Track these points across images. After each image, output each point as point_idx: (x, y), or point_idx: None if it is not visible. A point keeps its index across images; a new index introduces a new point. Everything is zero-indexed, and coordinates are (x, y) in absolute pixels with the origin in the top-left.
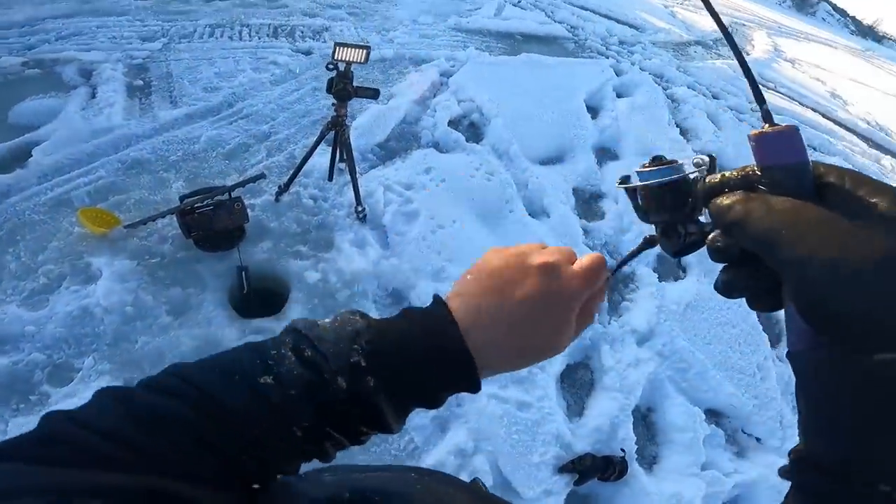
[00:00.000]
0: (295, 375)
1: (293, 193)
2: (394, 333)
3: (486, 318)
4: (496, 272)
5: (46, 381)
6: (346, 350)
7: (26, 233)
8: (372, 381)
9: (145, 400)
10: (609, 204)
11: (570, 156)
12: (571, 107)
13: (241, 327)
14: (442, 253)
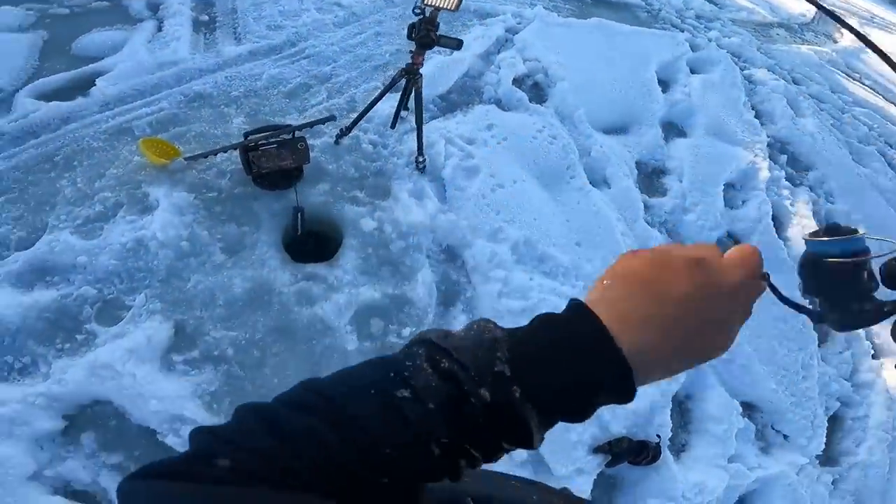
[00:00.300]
0: (433, 388)
1: (353, 137)
2: (537, 341)
3: (635, 322)
4: (639, 274)
5: (95, 318)
6: (489, 359)
7: (84, 159)
8: (518, 392)
9: (287, 419)
10: (672, 181)
11: (636, 127)
12: (642, 78)
13: (294, 272)
14: (501, 213)
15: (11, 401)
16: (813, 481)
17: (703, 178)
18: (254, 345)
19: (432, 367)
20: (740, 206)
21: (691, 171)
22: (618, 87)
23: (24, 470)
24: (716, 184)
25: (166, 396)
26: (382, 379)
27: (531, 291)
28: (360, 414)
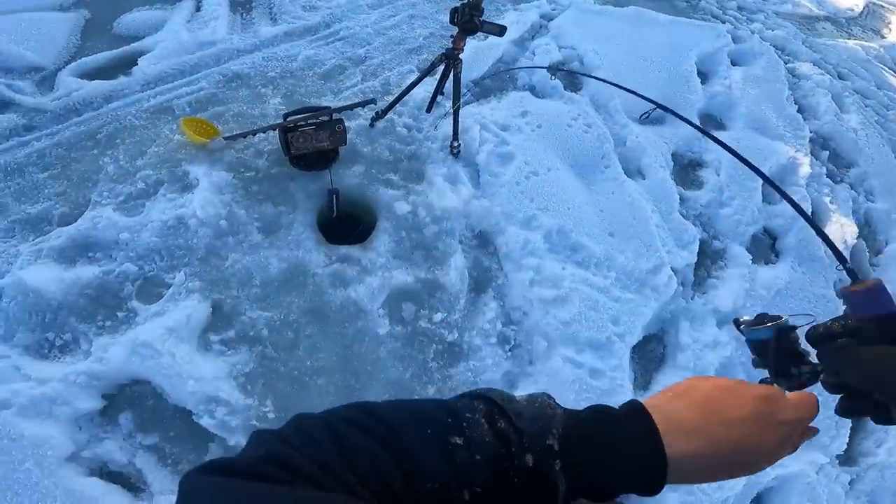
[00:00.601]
0: (486, 443)
1: (388, 121)
2: (590, 426)
3: (690, 432)
4: (703, 392)
5: (136, 295)
6: (544, 432)
7: (126, 137)
8: (559, 465)
9: (348, 436)
10: (708, 174)
11: (673, 118)
12: (681, 69)
13: (328, 253)
14: (534, 200)
15: (52, 379)
16: (831, 481)
17: (742, 172)
18: (288, 326)
19: (489, 424)
20: (778, 202)
21: (729, 164)
22: (655, 77)
23: (62, 451)
24: (754, 178)
25: (203, 377)
26: (440, 422)
27: (563, 281)
28: (415, 448)
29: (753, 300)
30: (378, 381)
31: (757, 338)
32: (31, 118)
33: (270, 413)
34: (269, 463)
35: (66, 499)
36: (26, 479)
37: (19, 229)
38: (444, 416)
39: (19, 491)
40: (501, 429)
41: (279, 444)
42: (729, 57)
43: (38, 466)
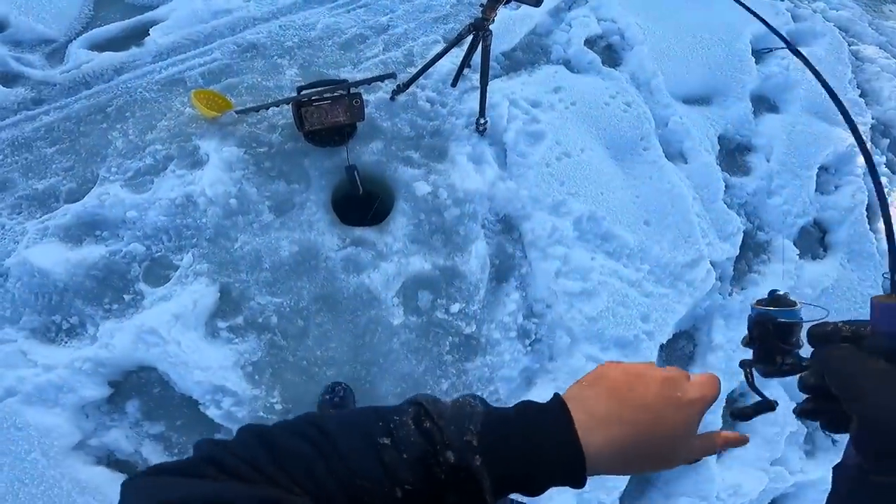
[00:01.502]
0: (411, 441)
1: (409, 94)
2: (511, 421)
3: (600, 418)
4: (614, 380)
5: (143, 277)
6: (462, 428)
7: (136, 110)
8: (479, 461)
9: (281, 441)
10: (757, 160)
11: (722, 99)
12: (734, 48)
13: (342, 235)
14: (565, 184)
15: (59, 366)
16: None
17: (795, 158)
18: (297, 313)
19: (415, 425)
20: (832, 192)
21: (782, 149)
22: (703, 55)
23: (68, 440)
24: (809, 166)
25: (209, 367)
26: (370, 425)
27: (591, 273)
28: (345, 449)
29: (797, 298)
30: (390, 375)
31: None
32: (39, 91)
33: (277, 404)
34: (203, 463)
35: (73, 488)
36: (33, 469)
37: (26, 206)
38: (375, 419)
39: (26, 481)
40: (427, 428)
41: (214, 448)
42: (788, 36)
43: (45, 456)
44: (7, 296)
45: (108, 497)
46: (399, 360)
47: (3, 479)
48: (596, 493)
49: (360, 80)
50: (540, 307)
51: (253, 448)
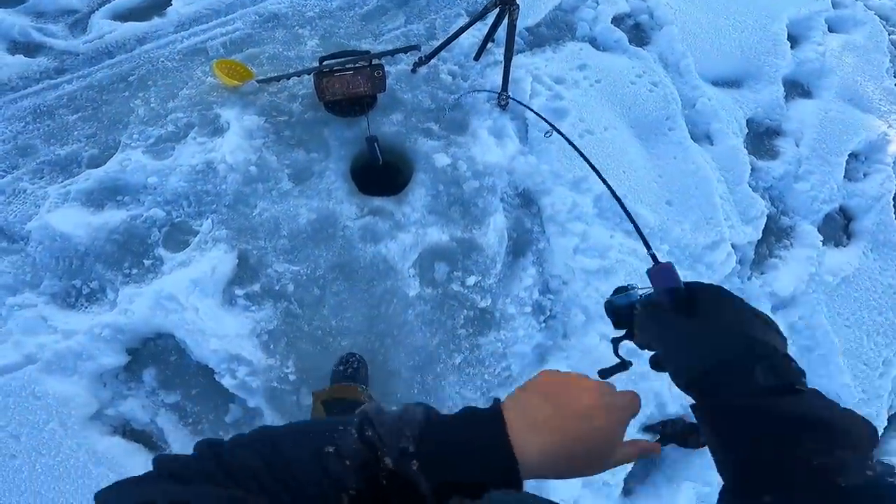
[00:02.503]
0: (353, 449)
1: (431, 67)
2: (447, 429)
3: (538, 426)
4: (551, 388)
5: (162, 242)
6: (399, 435)
7: (158, 79)
8: (416, 466)
9: (231, 453)
10: (786, 144)
11: (753, 82)
12: (768, 31)
13: (360, 204)
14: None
15: (79, 332)
16: None
17: (826, 144)
18: (314, 282)
19: (358, 434)
20: (861, 180)
21: (812, 135)
22: (737, 37)
23: (86, 410)
24: (839, 152)
25: (226, 335)
26: (318, 435)
27: (610, 251)
28: (292, 458)
29: (816, 286)
30: (403, 347)
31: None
32: (62, 61)
33: (292, 374)
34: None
35: (89, 459)
36: (51, 439)
37: (48, 171)
38: (323, 430)
39: (43, 451)
40: (368, 436)
41: (172, 464)
42: (826, 23)
43: (63, 427)
44: (28, 260)
45: (124, 469)
46: (413, 333)
47: (22, 449)
48: (600, 474)
49: (382, 51)
50: (556, 283)
51: (206, 461)
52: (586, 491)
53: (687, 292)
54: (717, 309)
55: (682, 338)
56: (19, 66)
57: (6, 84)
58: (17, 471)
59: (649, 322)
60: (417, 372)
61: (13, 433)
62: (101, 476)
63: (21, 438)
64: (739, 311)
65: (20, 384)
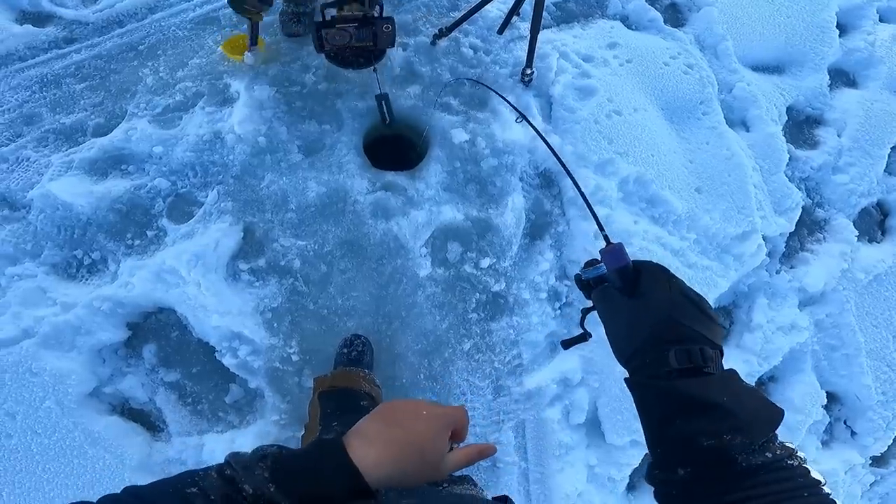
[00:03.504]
0: (215, 486)
1: (452, 39)
2: (297, 454)
3: (373, 440)
4: (383, 410)
5: (166, 213)
6: (254, 466)
7: (168, 48)
8: (273, 488)
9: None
10: (827, 134)
11: (796, 69)
12: (817, 18)
13: (372, 179)
14: (614, 143)
15: (78, 304)
16: (856, 481)
17: (869, 135)
18: (321, 258)
19: (217, 474)
20: None
21: (855, 126)
22: (782, 23)
23: (84, 387)
24: (882, 144)
25: (228, 311)
26: (181, 482)
27: (633, 237)
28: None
29: (847, 283)
30: (411, 330)
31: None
32: (71, 30)
33: (294, 355)
34: None
35: (85, 440)
36: (46, 418)
37: (53, 139)
38: (183, 477)
39: (39, 430)
40: (227, 474)
41: None
42: (878, 12)
43: (59, 404)
44: (29, 229)
45: (120, 450)
46: (422, 315)
47: (17, 428)
48: (607, 468)
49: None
50: (574, 269)
51: None
52: (591, 486)
53: (634, 272)
54: (653, 291)
55: (620, 316)
56: (27, 35)
57: (13, 54)
58: (12, 451)
59: (597, 299)
60: (424, 357)
61: (9, 411)
62: (96, 457)
63: (17, 417)
64: (673, 295)
65: (17, 359)
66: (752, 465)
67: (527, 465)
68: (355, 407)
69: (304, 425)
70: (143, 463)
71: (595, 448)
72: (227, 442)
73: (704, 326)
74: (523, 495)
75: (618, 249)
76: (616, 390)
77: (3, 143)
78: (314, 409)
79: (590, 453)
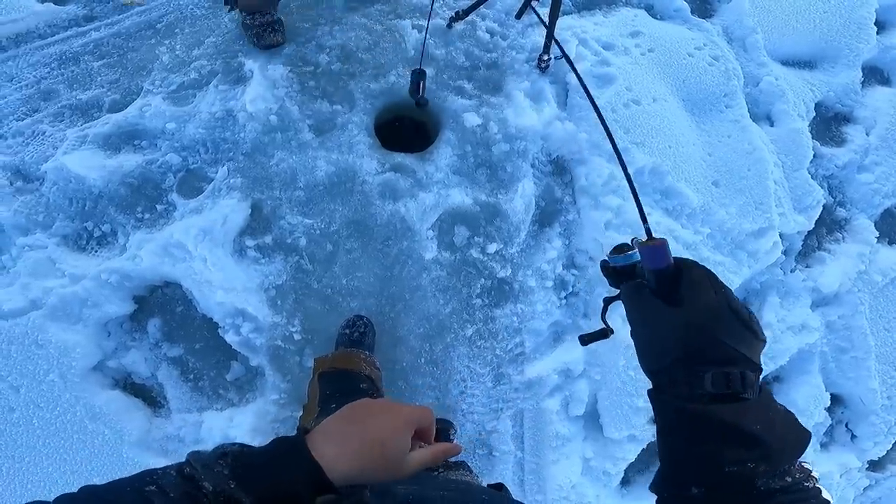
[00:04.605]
0: (175, 484)
1: (468, 23)
2: (257, 452)
3: (333, 437)
4: (346, 410)
5: (176, 188)
6: (213, 464)
7: (185, 26)
8: (233, 485)
9: None
10: (856, 132)
11: (829, 65)
12: (854, 14)
13: (382, 160)
14: (630, 132)
15: (86, 276)
16: (850, 485)
17: None
18: (327, 237)
19: (177, 472)
20: None
21: (885, 124)
22: (817, 17)
23: (88, 361)
24: None
25: (233, 287)
26: (139, 480)
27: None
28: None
29: (863, 285)
30: (414, 313)
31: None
32: (91, 9)
33: (297, 334)
34: None
35: (86, 414)
36: (49, 392)
37: (69, 114)
38: (141, 476)
39: (42, 404)
40: (186, 473)
41: None
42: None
43: (62, 378)
44: (42, 200)
45: (120, 426)
46: (426, 299)
47: (20, 401)
48: (602, 461)
49: None
50: (582, 259)
51: None
52: (585, 479)
53: (675, 270)
54: (695, 300)
55: (652, 323)
56: (48, 13)
57: (33, 32)
58: (14, 425)
59: (627, 296)
60: (426, 341)
61: (14, 384)
62: (96, 432)
63: (21, 391)
64: (718, 308)
65: (24, 331)
66: (770, 489)
67: (523, 454)
68: (354, 389)
69: (302, 406)
70: (141, 439)
71: (592, 441)
72: (225, 420)
73: (747, 345)
74: (517, 484)
75: (660, 248)
76: (617, 384)
77: (20, 117)
78: (314, 389)
79: (586, 446)
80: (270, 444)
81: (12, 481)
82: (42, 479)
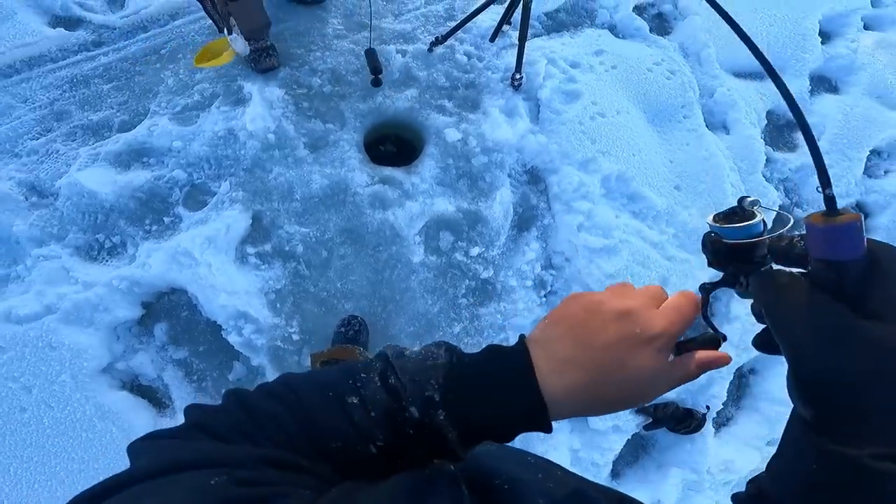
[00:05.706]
0: (377, 399)
1: (447, 47)
2: (472, 372)
3: (559, 362)
4: (573, 318)
5: (182, 201)
6: (423, 383)
7: (188, 52)
8: (442, 415)
9: (257, 402)
10: None
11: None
12: (799, 26)
13: (371, 173)
14: (597, 142)
15: (98, 283)
16: None
17: (847, 139)
18: (323, 244)
19: (381, 381)
20: (881, 177)
21: (834, 130)
22: (765, 30)
23: (98, 363)
24: (860, 148)
25: (235, 291)
26: (341, 384)
27: (614, 230)
28: (317, 410)
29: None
30: (405, 313)
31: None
32: (99, 34)
33: (295, 334)
34: (194, 429)
35: (95, 413)
36: (61, 392)
37: (80, 134)
38: (345, 378)
39: (52, 404)
40: (392, 384)
41: (203, 416)
42: (862, 20)
43: (73, 379)
44: (56, 214)
45: (127, 424)
46: (415, 299)
47: (32, 401)
48: (590, 452)
49: None
50: (559, 259)
51: (234, 413)
52: (575, 470)
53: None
54: None
55: (830, 340)
56: (59, 38)
57: (46, 55)
58: (25, 425)
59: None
60: (417, 339)
61: (26, 385)
62: (104, 431)
63: (33, 391)
64: None
65: (38, 334)
66: None
67: (511, 445)
68: None
69: None
70: None
71: (579, 433)
72: None
73: None
74: None
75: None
76: None
77: (35, 136)
78: None
79: (573, 437)
80: (487, 363)
81: (19, 482)
82: (48, 479)
